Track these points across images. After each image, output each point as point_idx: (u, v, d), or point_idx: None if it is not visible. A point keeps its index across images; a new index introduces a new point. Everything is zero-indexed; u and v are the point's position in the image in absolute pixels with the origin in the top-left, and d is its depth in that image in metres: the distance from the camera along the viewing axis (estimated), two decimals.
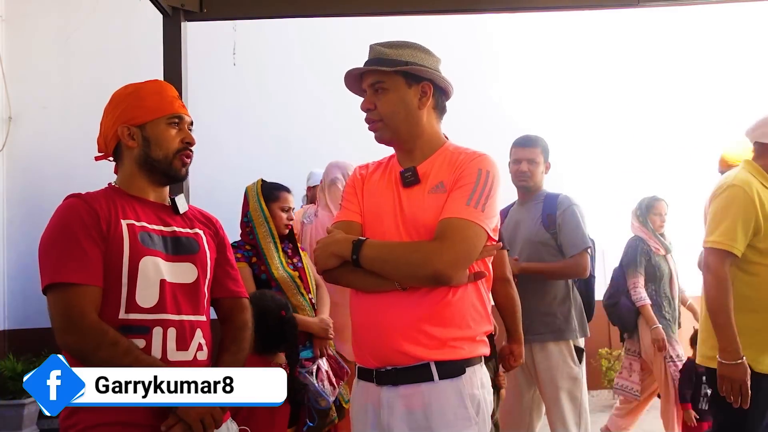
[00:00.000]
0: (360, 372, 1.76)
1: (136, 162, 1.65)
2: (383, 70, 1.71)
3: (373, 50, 1.76)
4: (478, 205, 1.62)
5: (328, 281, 1.78)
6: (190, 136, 1.69)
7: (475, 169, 1.67)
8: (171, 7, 2.66)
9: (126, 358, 1.48)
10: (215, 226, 1.79)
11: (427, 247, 1.60)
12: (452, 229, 1.60)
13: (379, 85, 1.73)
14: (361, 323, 1.73)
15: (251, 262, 2.80)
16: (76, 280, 1.49)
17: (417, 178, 1.72)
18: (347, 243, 1.67)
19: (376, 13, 3.31)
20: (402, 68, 1.71)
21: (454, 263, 1.58)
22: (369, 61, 1.76)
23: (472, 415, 1.64)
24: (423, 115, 1.75)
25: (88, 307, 1.49)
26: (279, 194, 2.91)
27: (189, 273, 1.64)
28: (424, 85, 1.74)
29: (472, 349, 1.68)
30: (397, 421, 1.64)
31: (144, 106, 1.65)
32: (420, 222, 1.67)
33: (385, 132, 1.75)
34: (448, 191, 1.66)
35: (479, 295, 1.71)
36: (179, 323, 1.58)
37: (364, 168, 1.87)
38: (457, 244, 1.58)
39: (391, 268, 1.62)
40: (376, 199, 1.77)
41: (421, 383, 1.63)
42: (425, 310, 1.64)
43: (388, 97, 1.72)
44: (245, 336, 1.76)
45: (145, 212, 1.64)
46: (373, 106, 1.74)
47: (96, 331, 1.48)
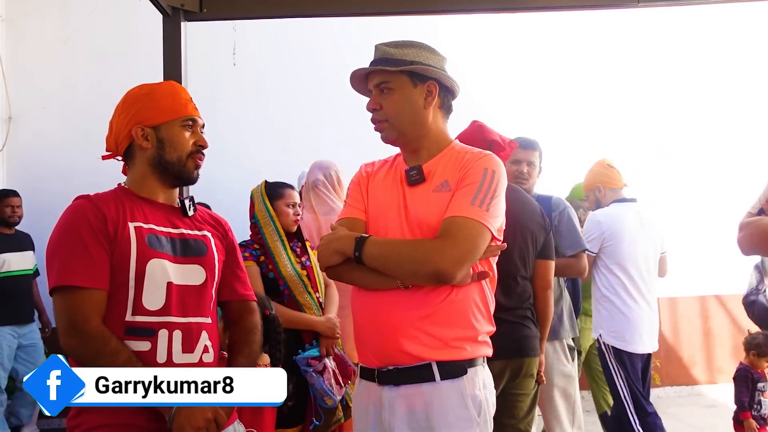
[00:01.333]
0: (362, 371, 1.76)
1: (149, 163, 1.66)
2: (388, 69, 1.71)
3: (378, 50, 1.76)
4: (483, 205, 1.61)
5: (330, 278, 1.78)
6: (203, 139, 1.71)
7: (480, 168, 1.67)
8: (171, 7, 2.66)
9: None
10: (224, 228, 1.80)
11: (429, 245, 1.59)
12: (456, 227, 1.59)
13: (384, 85, 1.73)
14: (363, 322, 1.73)
15: (259, 261, 2.83)
16: (81, 284, 1.49)
17: (422, 177, 1.72)
18: (350, 240, 1.67)
19: (377, 13, 3.30)
20: (407, 68, 1.70)
21: (456, 262, 1.57)
22: (374, 61, 1.76)
23: (473, 416, 1.63)
24: (429, 114, 1.75)
25: (92, 312, 1.49)
26: (283, 191, 2.94)
27: (197, 275, 1.65)
28: (430, 85, 1.74)
29: (475, 349, 1.68)
30: (398, 421, 1.64)
31: (159, 108, 1.65)
32: (424, 220, 1.67)
33: (391, 132, 1.75)
34: (453, 190, 1.66)
35: (482, 296, 1.71)
36: (185, 326, 1.59)
37: (369, 166, 1.88)
38: (461, 243, 1.58)
39: (394, 265, 1.62)
40: (380, 197, 1.77)
41: (422, 383, 1.63)
42: (428, 309, 1.64)
43: (393, 97, 1.72)
44: (256, 338, 1.77)
45: (154, 214, 1.64)
46: (379, 106, 1.74)
47: (98, 338, 1.48)
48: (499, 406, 2.47)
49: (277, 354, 2.42)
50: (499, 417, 2.50)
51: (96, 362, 1.47)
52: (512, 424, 2.49)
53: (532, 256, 2.56)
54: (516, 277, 2.50)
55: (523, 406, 2.52)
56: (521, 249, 2.51)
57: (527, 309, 2.53)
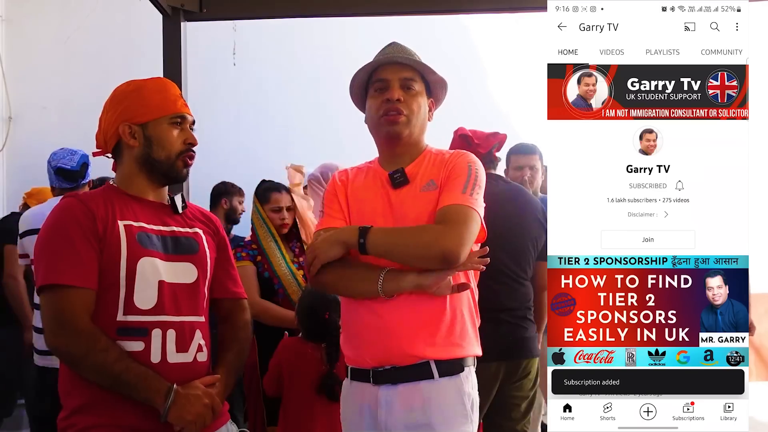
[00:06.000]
0: (353, 373, 1.75)
1: (136, 161, 1.64)
2: (428, 67, 1.78)
3: (398, 48, 1.80)
4: (473, 194, 1.68)
5: (315, 286, 1.79)
6: (192, 137, 1.68)
7: (465, 163, 1.74)
8: (171, 7, 2.66)
9: (117, 366, 1.46)
10: (215, 225, 1.78)
11: (434, 229, 1.64)
12: (454, 213, 1.65)
13: (411, 83, 1.76)
14: (359, 325, 1.73)
15: (256, 261, 2.88)
16: (69, 282, 1.47)
17: (406, 179, 1.75)
18: (353, 230, 1.67)
19: (377, 13, 3.31)
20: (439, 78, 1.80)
21: (460, 243, 1.62)
22: (405, 57, 1.77)
23: (468, 412, 1.66)
24: (426, 126, 1.82)
25: (80, 309, 1.47)
26: (269, 195, 2.98)
27: (189, 273, 1.63)
28: (430, 102, 1.83)
29: (470, 348, 1.71)
30: (396, 419, 1.65)
31: (146, 105, 1.63)
32: (413, 220, 1.69)
33: (405, 128, 1.75)
34: (440, 187, 1.70)
35: (471, 291, 1.76)
36: (179, 324, 1.58)
37: (343, 174, 1.88)
38: (462, 225, 1.63)
39: (401, 250, 1.64)
40: (364, 203, 1.78)
41: (420, 381, 1.64)
42: (425, 308, 1.66)
43: (417, 99, 1.77)
44: (246, 336, 1.76)
45: (144, 212, 1.62)
46: (403, 99, 1.75)
47: (87, 335, 1.46)
48: (497, 407, 2.48)
49: (332, 353, 2.47)
50: (496, 418, 2.51)
51: (87, 360, 1.46)
52: (509, 425, 2.50)
53: (532, 258, 2.55)
54: (515, 278, 2.50)
55: (521, 408, 2.52)
56: (520, 250, 2.51)
57: (526, 310, 2.53)
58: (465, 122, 2.64)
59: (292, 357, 2.53)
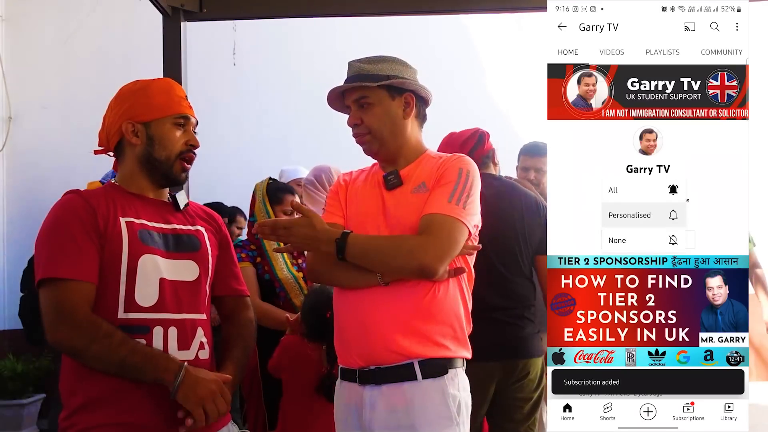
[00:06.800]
0: (342, 373, 1.78)
1: (138, 160, 1.64)
2: (367, 85, 1.75)
3: (352, 67, 1.81)
4: (460, 203, 1.67)
5: (311, 280, 1.80)
6: (195, 139, 1.69)
7: (456, 168, 1.73)
8: (171, 7, 2.66)
9: (122, 349, 1.46)
10: (217, 222, 1.79)
11: (412, 241, 1.64)
12: (436, 224, 1.65)
13: (363, 100, 1.77)
14: (347, 322, 1.75)
15: (255, 263, 2.81)
16: (68, 276, 1.47)
17: (400, 180, 1.77)
18: (330, 239, 1.67)
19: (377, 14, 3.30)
20: (385, 82, 1.76)
21: (438, 258, 1.62)
22: (350, 78, 1.80)
23: (453, 415, 1.66)
24: (407, 124, 1.81)
25: (80, 301, 1.47)
26: (283, 197, 2.92)
27: (190, 271, 1.63)
28: (407, 96, 1.80)
29: (457, 348, 1.71)
30: (379, 420, 1.67)
31: (151, 104, 1.63)
32: (404, 222, 1.71)
33: (374, 144, 1.80)
34: (431, 189, 1.71)
35: (462, 294, 1.75)
36: (180, 322, 1.58)
37: (347, 175, 1.93)
38: (442, 239, 1.63)
39: (380, 259, 1.66)
40: (359, 203, 1.81)
41: (403, 382, 1.66)
42: (411, 305, 1.67)
43: (373, 111, 1.77)
44: (250, 333, 1.76)
45: (146, 209, 1.63)
46: (360, 120, 1.78)
47: (89, 324, 1.45)
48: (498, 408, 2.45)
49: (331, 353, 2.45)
50: (498, 419, 2.48)
51: (91, 348, 1.45)
52: (512, 427, 2.46)
53: (523, 254, 2.46)
54: (508, 276, 2.43)
55: (523, 410, 2.46)
56: (508, 248, 2.43)
57: (524, 309, 2.46)
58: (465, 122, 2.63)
59: (293, 356, 2.54)
